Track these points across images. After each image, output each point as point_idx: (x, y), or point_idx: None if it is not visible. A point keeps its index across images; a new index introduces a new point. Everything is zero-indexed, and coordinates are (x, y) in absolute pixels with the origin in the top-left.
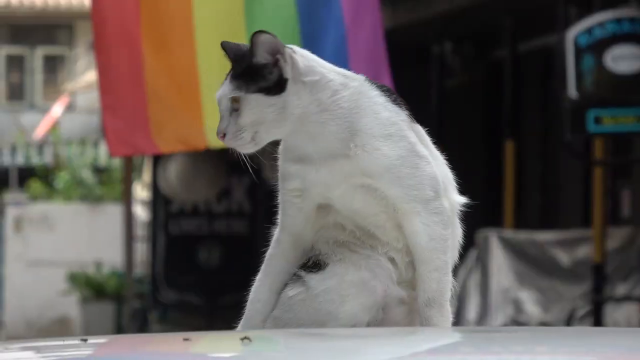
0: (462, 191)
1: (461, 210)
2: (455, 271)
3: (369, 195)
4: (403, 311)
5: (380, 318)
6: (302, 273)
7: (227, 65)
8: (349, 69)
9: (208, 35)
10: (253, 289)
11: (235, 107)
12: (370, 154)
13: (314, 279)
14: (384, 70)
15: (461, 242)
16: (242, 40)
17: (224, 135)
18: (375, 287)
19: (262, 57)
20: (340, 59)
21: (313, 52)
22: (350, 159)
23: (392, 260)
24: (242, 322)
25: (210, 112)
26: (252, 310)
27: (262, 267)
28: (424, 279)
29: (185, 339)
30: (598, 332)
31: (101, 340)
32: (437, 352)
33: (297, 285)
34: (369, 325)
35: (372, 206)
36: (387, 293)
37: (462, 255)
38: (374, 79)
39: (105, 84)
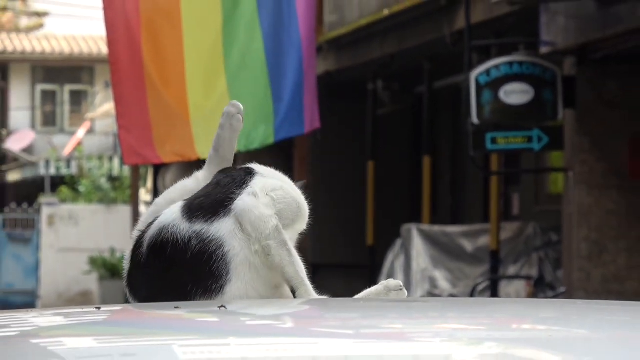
0: (392, 196)
1: (392, 210)
2: (386, 256)
3: None
4: None
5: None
6: None
7: (209, 96)
8: (303, 99)
9: (195, 72)
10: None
11: None
12: None
13: None
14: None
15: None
16: (221, 73)
17: None
18: None
19: None
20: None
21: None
22: None
23: None
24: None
25: (197, 132)
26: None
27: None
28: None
29: (176, 307)
30: (494, 302)
31: (112, 308)
32: (369, 318)
33: None
34: None
35: None
36: None
37: (390, 243)
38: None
39: (120, 110)
